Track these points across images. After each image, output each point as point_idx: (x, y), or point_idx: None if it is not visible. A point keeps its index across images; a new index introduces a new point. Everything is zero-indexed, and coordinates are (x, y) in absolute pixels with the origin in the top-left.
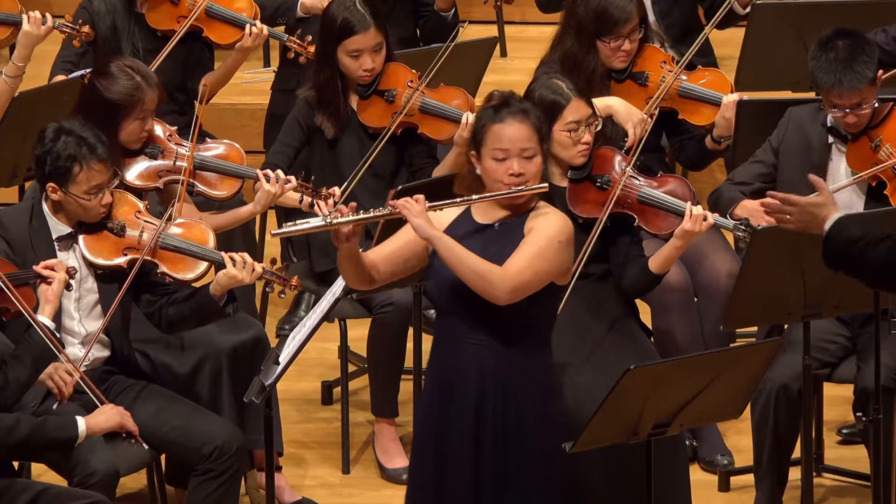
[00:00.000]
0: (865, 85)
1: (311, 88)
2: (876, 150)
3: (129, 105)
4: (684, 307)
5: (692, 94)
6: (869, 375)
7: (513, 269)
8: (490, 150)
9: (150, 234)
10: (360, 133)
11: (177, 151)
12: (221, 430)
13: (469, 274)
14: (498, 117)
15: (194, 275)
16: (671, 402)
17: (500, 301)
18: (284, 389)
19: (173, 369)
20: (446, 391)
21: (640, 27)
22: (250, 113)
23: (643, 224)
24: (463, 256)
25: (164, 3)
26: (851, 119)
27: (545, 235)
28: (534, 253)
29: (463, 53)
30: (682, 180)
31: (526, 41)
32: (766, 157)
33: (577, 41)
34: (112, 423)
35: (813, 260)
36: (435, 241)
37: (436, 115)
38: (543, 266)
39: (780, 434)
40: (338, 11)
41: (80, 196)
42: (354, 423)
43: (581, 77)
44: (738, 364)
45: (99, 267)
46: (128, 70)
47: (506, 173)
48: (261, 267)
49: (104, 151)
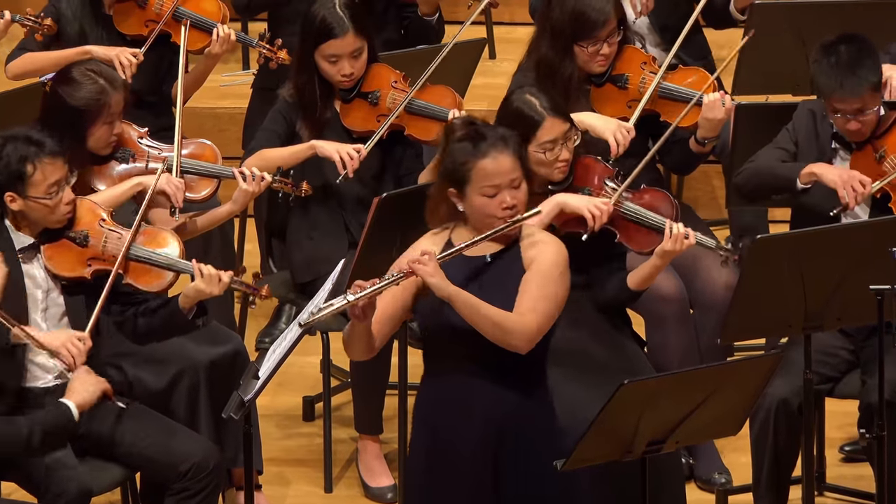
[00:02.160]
0: (868, 90)
1: (291, 88)
2: (880, 161)
3: (94, 110)
4: (680, 319)
5: (672, 94)
6: (873, 390)
7: (527, 314)
8: (479, 187)
9: (114, 243)
10: (342, 136)
11: (149, 153)
12: (198, 448)
13: (490, 327)
14: (480, 152)
15: (160, 286)
16: (667, 419)
17: (521, 350)
18: (264, 405)
19: (148, 384)
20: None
21: (619, 29)
22: (229, 117)
23: (624, 241)
24: (483, 311)
25: (132, 6)
26: (854, 126)
27: (547, 269)
28: (541, 291)
29: (450, 55)
30: (665, 195)
31: (515, 42)
32: (788, 145)
33: (552, 47)
34: (97, 394)
35: (814, 270)
36: (454, 298)
37: (423, 116)
38: (552, 301)
39: (780, 451)
40: (317, 13)
41: (41, 197)
42: (337, 439)
43: (558, 83)
44: (736, 378)
45: (63, 279)
46: (90, 74)
47: (499, 207)
48: (228, 277)
49: (54, 146)
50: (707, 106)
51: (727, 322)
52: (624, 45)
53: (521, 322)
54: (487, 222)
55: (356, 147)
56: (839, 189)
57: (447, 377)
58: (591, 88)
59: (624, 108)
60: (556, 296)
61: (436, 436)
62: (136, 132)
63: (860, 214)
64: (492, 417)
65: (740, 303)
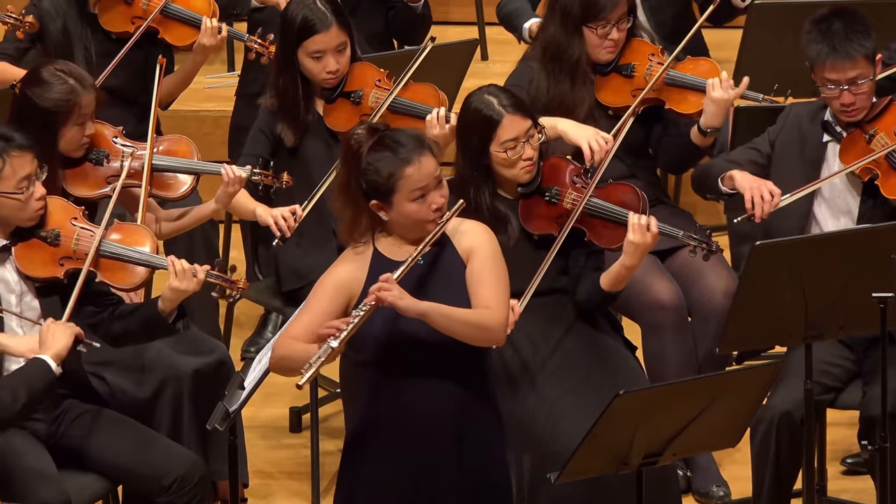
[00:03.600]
0: (861, 56)
1: (272, 96)
2: (870, 140)
3: (65, 111)
4: (677, 328)
5: (678, 81)
6: (875, 401)
7: (493, 304)
8: (407, 194)
9: (86, 241)
10: (326, 137)
11: (124, 153)
12: (182, 460)
13: (469, 331)
14: (403, 160)
15: (133, 283)
16: (663, 430)
17: (501, 342)
18: (250, 416)
19: (131, 394)
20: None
21: (629, 17)
22: (213, 120)
23: (593, 238)
24: (459, 317)
25: (118, 3)
26: (847, 97)
27: (491, 258)
28: (493, 277)
29: (441, 56)
30: (631, 188)
31: (508, 43)
32: (763, 146)
33: (561, 27)
34: (69, 341)
35: (815, 277)
36: (428, 313)
37: (407, 114)
38: (504, 284)
39: (782, 464)
40: (296, 10)
41: (12, 192)
42: (325, 452)
43: (564, 67)
44: (735, 389)
45: (36, 280)
46: (60, 74)
47: (430, 210)
48: (203, 272)
49: (22, 139)
50: (711, 85)
51: (726, 331)
52: (632, 37)
53: (494, 315)
54: (418, 227)
55: (291, 209)
56: (745, 195)
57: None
58: (597, 77)
59: (629, 96)
60: (505, 277)
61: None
62: (110, 131)
63: (851, 204)
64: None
65: (740, 311)
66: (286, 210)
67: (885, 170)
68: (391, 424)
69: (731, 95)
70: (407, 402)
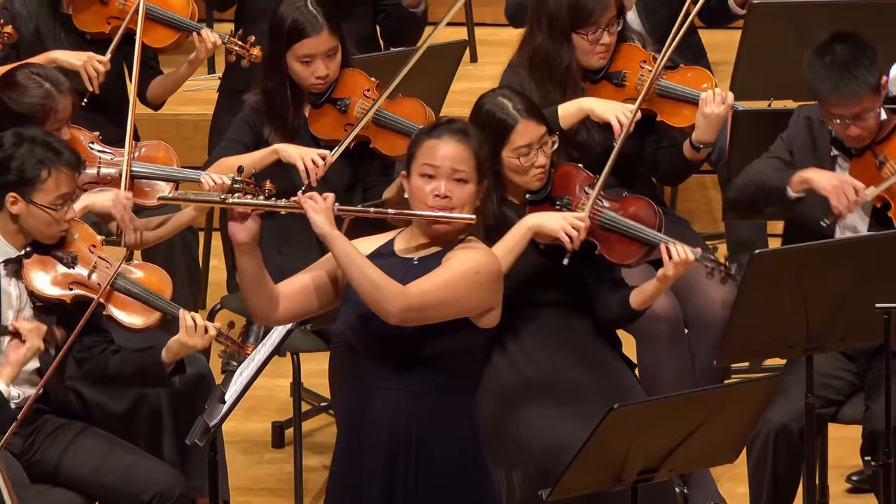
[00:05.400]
0: (866, 92)
1: (258, 94)
2: (881, 167)
3: (41, 115)
4: (673, 339)
5: (670, 92)
6: (879, 416)
7: (414, 289)
8: (419, 165)
9: (102, 272)
10: (311, 144)
11: (100, 159)
12: (162, 476)
13: (363, 282)
14: (435, 133)
15: (143, 324)
16: (659, 445)
17: (390, 319)
18: (231, 431)
19: (108, 408)
20: (355, 435)
21: (619, 19)
22: (193, 124)
23: (604, 252)
24: (359, 263)
25: (93, 2)
26: (854, 131)
27: (461, 266)
28: (443, 280)
29: (429, 58)
30: (647, 203)
31: (498, 45)
32: (783, 153)
33: (548, 36)
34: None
35: (816, 287)
36: (331, 240)
37: (391, 129)
38: (450, 295)
39: (780, 480)
40: (287, 12)
41: (47, 206)
42: (308, 467)
43: (554, 76)
44: (733, 403)
45: (40, 298)
46: (35, 77)
47: (431, 193)
48: (214, 329)
49: (72, 157)
50: (704, 101)
51: (724, 342)
52: (622, 42)
53: (400, 293)
54: (419, 208)
55: (321, 153)
56: (830, 196)
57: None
58: (587, 85)
59: None
60: (457, 293)
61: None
62: (86, 136)
63: (859, 226)
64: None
65: (738, 322)
66: (314, 153)
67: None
68: (348, 417)
69: (724, 111)
70: (359, 398)
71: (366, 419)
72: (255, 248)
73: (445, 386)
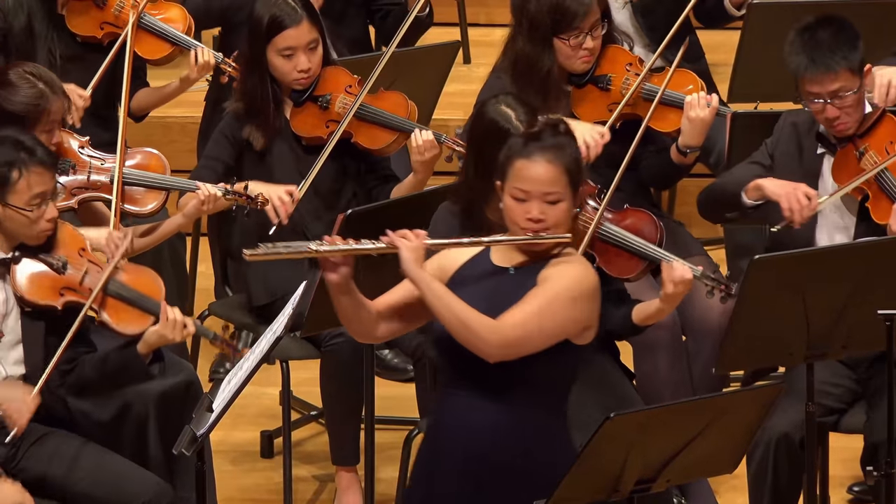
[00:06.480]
0: (842, 66)
1: (238, 100)
2: (860, 158)
3: (33, 116)
4: (671, 346)
5: (656, 96)
6: (879, 425)
7: (508, 323)
8: (510, 187)
9: (94, 276)
10: (291, 141)
11: (90, 164)
12: (148, 486)
13: (455, 323)
14: (525, 151)
15: (139, 329)
16: (656, 455)
17: (489, 357)
18: (219, 440)
19: (93, 416)
20: (437, 452)
21: (603, 22)
22: (180, 127)
23: (603, 265)
24: (450, 304)
25: (89, 5)
26: (832, 111)
27: (554, 289)
28: (536, 308)
29: (421, 59)
30: (648, 216)
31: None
32: (764, 159)
33: (529, 41)
34: None
35: (817, 293)
36: (419, 282)
37: (372, 122)
38: (546, 323)
39: (780, 490)
40: (263, 10)
41: (22, 207)
42: (298, 478)
43: (535, 81)
44: (732, 411)
45: (29, 303)
46: (29, 77)
47: (524, 216)
48: (192, 324)
49: (45, 155)
50: (689, 104)
51: (723, 350)
52: (608, 44)
53: (494, 329)
54: (512, 229)
55: (288, 189)
56: (782, 201)
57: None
58: (572, 89)
59: (605, 111)
60: (553, 318)
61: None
62: (76, 141)
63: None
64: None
65: (738, 329)
66: (282, 191)
67: (875, 192)
68: (431, 435)
69: (709, 115)
70: (446, 417)
71: (450, 436)
72: (349, 286)
73: (538, 405)
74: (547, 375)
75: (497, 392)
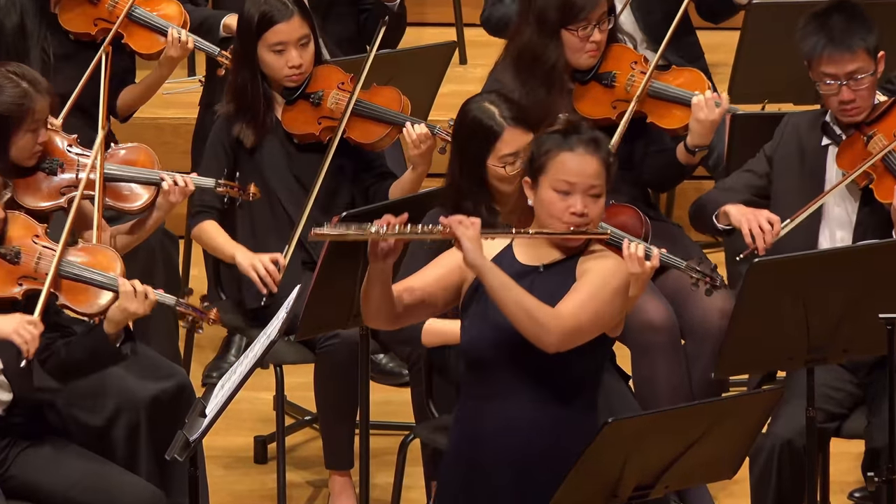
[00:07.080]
0: (861, 47)
1: (229, 101)
2: (868, 142)
3: (17, 116)
4: (670, 350)
5: (661, 93)
6: (880, 431)
7: (566, 311)
8: (553, 179)
9: (48, 261)
10: (283, 140)
11: (79, 162)
12: (140, 492)
13: (520, 313)
14: (567, 143)
15: (98, 307)
16: (655, 461)
17: (550, 347)
18: (212, 445)
19: (83, 421)
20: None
21: (609, 17)
22: (173, 128)
23: None
24: (515, 292)
25: (82, 3)
26: (847, 94)
27: (601, 277)
28: (589, 294)
29: (417, 60)
30: (634, 211)
31: (488, 46)
32: (759, 167)
33: (537, 32)
34: None
35: (818, 296)
36: (485, 272)
37: (365, 117)
38: (600, 309)
39: (783, 496)
40: (253, 7)
41: None
42: (292, 483)
43: (538, 74)
44: (732, 416)
45: None
46: (12, 76)
47: (567, 210)
48: (154, 294)
49: None
50: (696, 105)
51: (723, 354)
52: (612, 42)
53: (556, 317)
54: (549, 223)
55: (272, 257)
56: (742, 228)
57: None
58: (576, 86)
59: (608, 108)
60: (604, 306)
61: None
62: (64, 140)
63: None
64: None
65: (737, 333)
66: (267, 259)
67: (880, 173)
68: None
69: (717, 115)
70: (487, 426)
71: (491, 447)
72: (388, 277)
73: (573, 398)
74: (585, 370)
75: (534, 393)
